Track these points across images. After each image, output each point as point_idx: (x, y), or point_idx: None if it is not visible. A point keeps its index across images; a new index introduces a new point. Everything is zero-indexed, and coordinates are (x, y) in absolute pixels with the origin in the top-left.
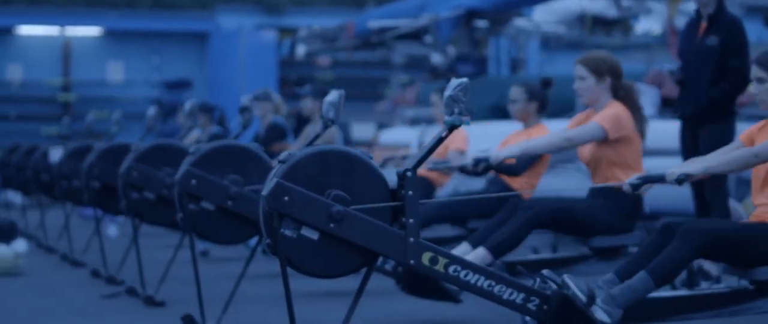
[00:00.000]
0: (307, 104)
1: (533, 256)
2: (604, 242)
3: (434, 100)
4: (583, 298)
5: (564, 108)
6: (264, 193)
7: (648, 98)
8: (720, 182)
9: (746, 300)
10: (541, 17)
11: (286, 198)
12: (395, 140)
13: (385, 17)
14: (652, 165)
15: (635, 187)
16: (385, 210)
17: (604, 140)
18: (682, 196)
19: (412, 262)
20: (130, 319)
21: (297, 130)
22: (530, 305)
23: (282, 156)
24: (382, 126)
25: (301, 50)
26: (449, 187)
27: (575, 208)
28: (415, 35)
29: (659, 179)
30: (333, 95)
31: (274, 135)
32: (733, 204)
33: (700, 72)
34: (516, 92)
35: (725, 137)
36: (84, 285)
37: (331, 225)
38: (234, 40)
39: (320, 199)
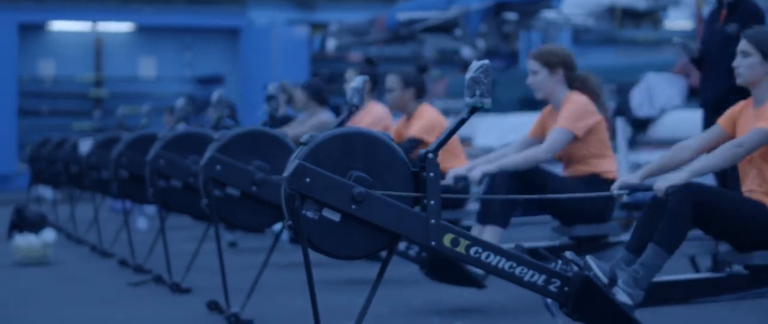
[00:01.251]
0: (297, 95)
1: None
2: (586, 231)
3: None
4: (604, 279)
5: None
6: (285, 174)
7: (676, 88)
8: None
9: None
10: (571, 9)
11: (308, 179)
12: None
13: (414, 9)
14: None
15: (621, 195)
16: (407, 192)
17: (573, 138)
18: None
19: (433, 243)
20: (155, 306)
21: None
22: (551, 287)
23: (304, 138)
24: None
25: (331, 45)
26: None
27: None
28: (446, 29)
29: (647, 190)
30: (358, 81)
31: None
32: None
33: (720, 60)
34: (391, 81)
35: None
36: (112, 274)
37: (353, 206)
38: (266, 36)
39: (342, 180)
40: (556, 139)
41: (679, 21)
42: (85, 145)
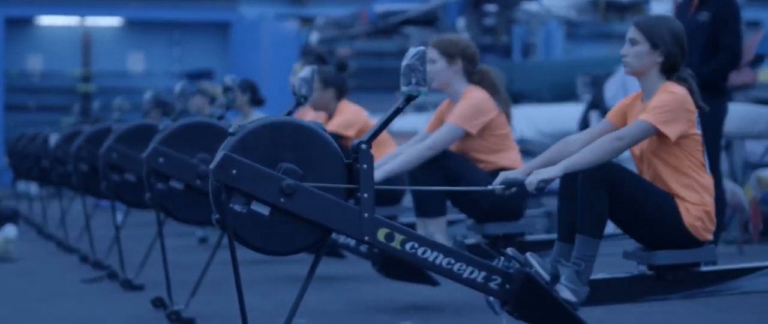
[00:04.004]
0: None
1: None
2: (498, 229)
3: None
4: (546, 276)
5: (566, 94)
6: (211, 166)
7: None
8: None
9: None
10: (552, 2)
11: (234, 171)
12: (405, 128)
13: (394, 2)
14: None
15: (506, 190)
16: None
17: (467, 135)
18: None
19: (366, 238)
20: (103, 302)
21: None
22: (492, 284)
23: (232, 128)
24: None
25: (314, 38)
26: None
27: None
28: (430, 22)
29: (520, 184)
30: (306, 71)
31: None
32: (730, 186)
33: (691, 49)
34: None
35: (717, 118)
36: (70, 270)
37: (282, 199)
38: (256, 30)
39: (270, 172)
40: (443, 134)
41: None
42: (55, 139)
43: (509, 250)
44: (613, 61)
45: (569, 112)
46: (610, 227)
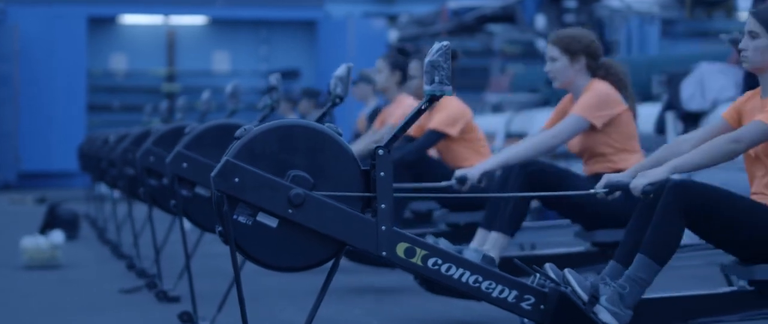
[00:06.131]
0: (303, 105)
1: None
2: (610, 236)
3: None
4: (584, 296)
5: (644, 94)
6: (212, 173)
7: (731, 78)
8: None
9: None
10: None
11: (237, 179)
12: (482, 129)
13: None
14: None
15: (608, 193)
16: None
17: (591, 129)
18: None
19: (384, 253)
20: (133, 315)
21: None
22: (524, 304)
23: (238, 132)
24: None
25: (393, 36)
26: None
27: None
28: (510, 19)
29: (624, 187)
30: (341, 69)
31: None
32: None
33: None
34: (414, 68)
35: None
36: (115, 279)
37: (290, 211)
38: (342, 29)
39: (276, 180)
40: (567, 124)
41: None
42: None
43: (547, 266)
44: (699, 59)
45: (645, 114)
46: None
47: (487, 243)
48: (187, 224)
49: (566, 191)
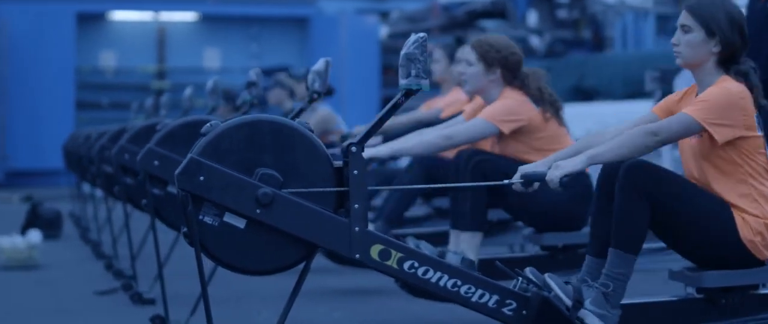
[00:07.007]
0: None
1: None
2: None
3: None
4: (567, 301)
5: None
6: (176, 171)
7: None
8: None
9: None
10: None
11: (202, 178)
12: None
13: None
14: None
15: (524, 185)
16: (329, 194)
17: (500, 136)
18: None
19: (357, 256)
20: (105, 318)
21: None
22: (506, 310)
23: (204, 128)
24: None
25: (383, 32)
26: None
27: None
28: (501, 15)
29: (541, 178)
30: (319, 64)
31: None
32: None
33: (760, 40)
34: (437, 53)
35: None
36: (92, 280)
37: (258, 211)
38: (335, 25)
39: (243, 179)
40: (470, 125)
41: None
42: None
43: (528, 270)
44: None
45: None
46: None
47: (461, 245)
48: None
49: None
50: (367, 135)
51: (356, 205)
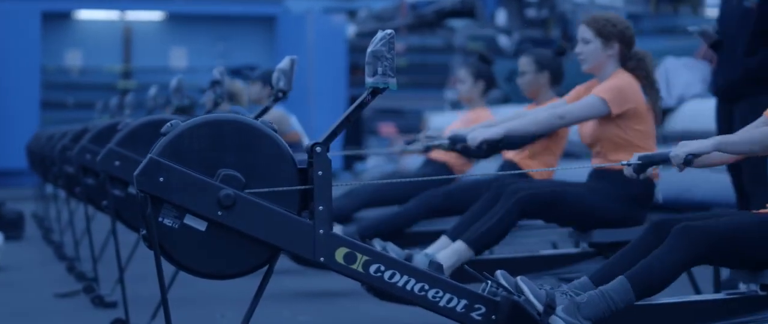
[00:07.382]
0: (255, 90)
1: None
2: (606, 236)
3: (461, 77)
4: (538, 306)
5: None
6: (135, 172)
7: (697, 73)
8: (760, 168)
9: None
10: None
11: (162, 178)
12: (446, 124)
13: None
14: None
15: (637, 169)
16: (293, 196)
17: (607, 116)
18: (710, 184)
19: (321, 259)
20: (67, 322)
21: None
22: (474, 314)
23: (164, 127)
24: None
25: (351, 31)
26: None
27: (571, 192)
28: (470, 14)
29: (663, 160)
30: (284, 62)
31: None
32: None
33: (736, 38)
34: (524, 63)
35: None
36: (53, 282)
37: (220, 212)
38: (302, 24)
39: (205, 180)
40: (583, 102)
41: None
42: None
43: (499, 274)
44: (665, 55)
45: None
46: None
47: (447, 249)
48: None
49: (561, 212)
50: (332, 135)
51: (321, 207)
